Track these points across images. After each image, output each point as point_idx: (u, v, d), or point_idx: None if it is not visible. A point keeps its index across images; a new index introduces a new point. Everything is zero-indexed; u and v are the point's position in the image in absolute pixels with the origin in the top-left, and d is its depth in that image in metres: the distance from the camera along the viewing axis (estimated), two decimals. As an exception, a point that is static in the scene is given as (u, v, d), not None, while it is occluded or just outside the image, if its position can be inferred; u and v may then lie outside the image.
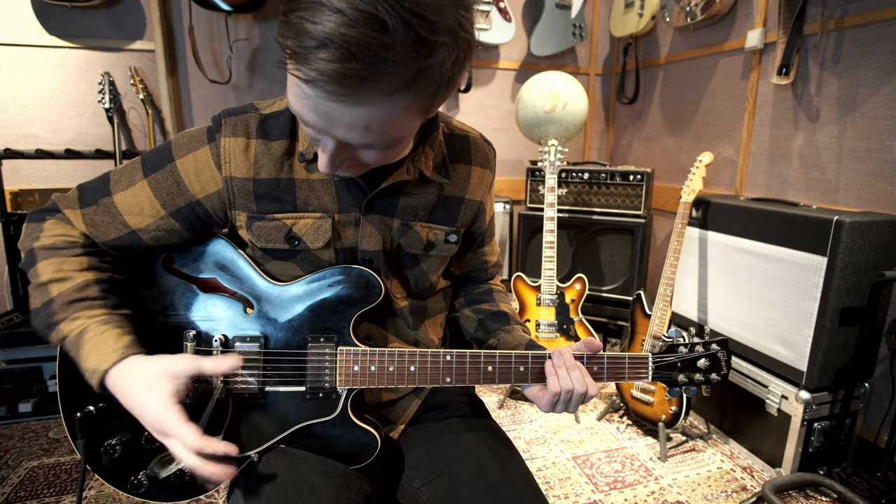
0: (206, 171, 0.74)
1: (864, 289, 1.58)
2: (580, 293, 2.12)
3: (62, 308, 0.69)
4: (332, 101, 0.53)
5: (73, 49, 2.24)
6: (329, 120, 0.56)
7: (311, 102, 0.55)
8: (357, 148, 0.61)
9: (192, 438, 0.63)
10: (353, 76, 0.50)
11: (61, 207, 0.76)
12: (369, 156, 0.64)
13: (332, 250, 0.78)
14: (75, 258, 0.73)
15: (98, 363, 0.66)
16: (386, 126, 0.57)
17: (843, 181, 1.83)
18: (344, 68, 0.49)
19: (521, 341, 0.87)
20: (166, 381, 0.65)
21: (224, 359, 0.69)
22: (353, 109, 0.54)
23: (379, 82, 0.51)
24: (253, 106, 0.76)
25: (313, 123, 0.58)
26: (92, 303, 0.70)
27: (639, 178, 2.32)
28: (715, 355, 0.79)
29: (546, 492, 1.67)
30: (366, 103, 0.53)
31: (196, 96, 2.46)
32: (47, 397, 2.12)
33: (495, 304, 0.96)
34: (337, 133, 0.58)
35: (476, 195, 0.87)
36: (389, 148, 0.63)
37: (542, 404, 0.77)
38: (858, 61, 1.74)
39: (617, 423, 2.11)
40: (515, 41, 2.82)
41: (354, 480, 0.76)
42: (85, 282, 0.71)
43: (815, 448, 1.68)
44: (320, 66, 0.49)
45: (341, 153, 0.62)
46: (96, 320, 0.69)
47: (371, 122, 0.56)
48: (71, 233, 0.75)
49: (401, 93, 0.53)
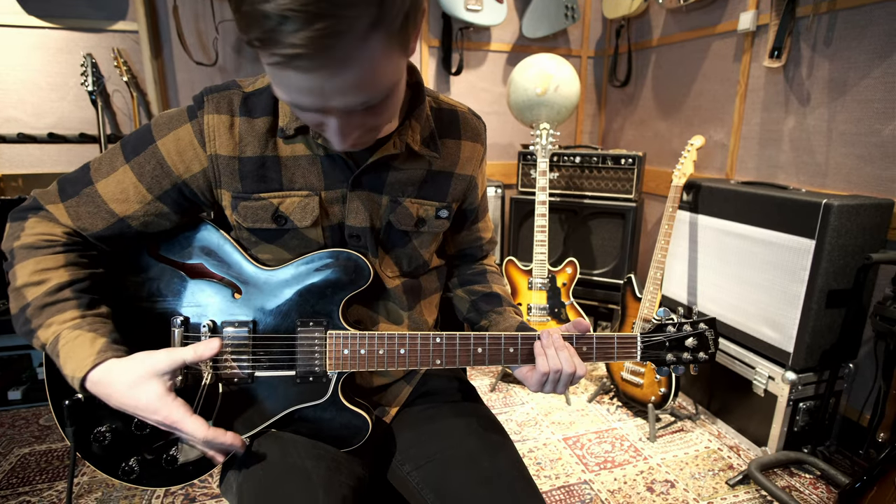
0: (189, 150, 0.72)
1: (851, 271, 1.60)
2: (571, 277, 2.13)
3: (36, 313, 0.67)
4: (316, 72, 0.52)
5: (53, 29, 2.18)
6: (322, 94, 0.55)
7: (298, 84, 0.54)
8: (359, 112, 0.59)
9: (200, 431, 0.64)
10: (323, 35, 0.48)
11: (43, 203, 0.73)
12: (373, 118, 0.62)
13: (319, 228, 0.77)
14: (52, 256, 0.70)
15: (73, 370, 0.65)
16: (374, 76, 0.55)
17: (832, 164, 1.83)
18: (312, 31, 0.47)
19: (511, 323, 0.87)
20: (151, 381, 0.65)
21: (204, 345, 0.68)
22: (339, 71, 0.52)
23: (349, 31, 0.49)
24: (235, 83, 0.74)
25: (309, 105, 0.57)
26: (63, 305, 0.68)
27: (630, 161, 2.32)
28: (702, 334, 0.80)
29: (537, 472, 1.70)
30: (347, 60, 0.52)
31: (182, 78, 2.41)
32: (36, 384, 2.10)
33: (488, 284, 0.96)
34: (334, 104, 0.56)
35: (466, 170, 0.86)
36: (388, 99, 0.60)
37: (531, 384, 0.78)
38: (850, 44, 1.74)
39: (607, 404, 2.14)
40: (507, 23, 2.78)
41: (346, 463, 0.77)
42: (58, 284, 0.68)
43: (800, 427, 1.71)
44: (290, 40, 0.48)
45: (347, 124, 0.61)
46: (68, 325, 0.67)
47: (359, 77, 0.54)
48: (53, 231, 0.72)
49: (373, 34, 0.51)
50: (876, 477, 1.18)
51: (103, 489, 1.58)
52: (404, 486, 0.82)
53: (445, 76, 2.80)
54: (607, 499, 1.58)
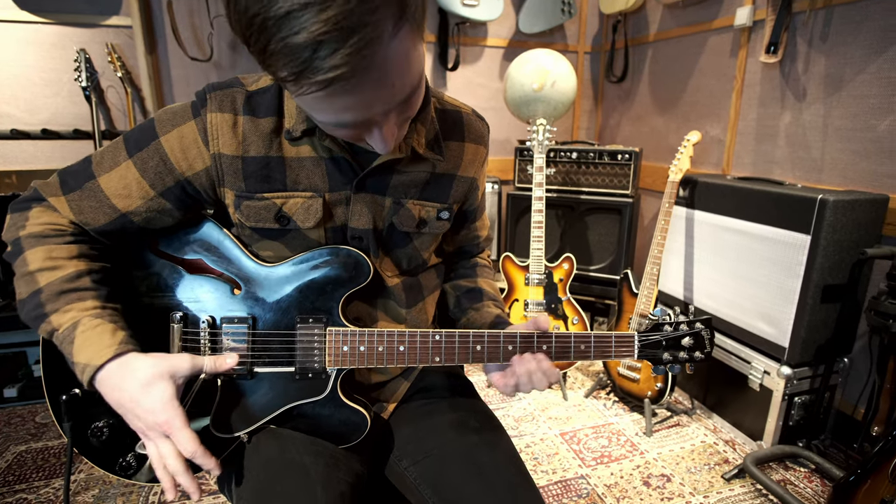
0: (192, 148, 0.72)
1: (846, 266, 1.61)
2: (568, 273, 2.14)
3: (52, 298, 0.66)
4: (359, 87, 0.51)
5: (46, 24, 2.16)
6: (366, 106, 0.54)
7: (342, 104, 0.53)
8: (396, 109, 0.59)
9: (191, 445, 0.63)
10: (360, 48, 0.47)
11: (45, 195, 0.72)
12: (409, 108, 0.61)
13: (322, 230, 0.77)
14: (65, 246, 0.70)
15: (90, 358, 0.63)
16: (409, 69, 0.55)
17: (827, 160, 1.84)
18: (349, 48, 0.47)
19: (486, 319, 0.87)
20: (165, 382, 0.64)
21: (222, 358, 0.69)
22: (381, 78, 0.52)
23: (381, 36, 0.49)
24: (238, 80, 0.73)
25: (354, 121, 0.56)
26: (84, 294, 0.67)
27: (627, 157, 2.32)
28: (699, 334, 0.80)
29: (534, 467, 1.71)
30: (385, 64, 0.51)
31: (177, 74, 2.40)
32: (32, 382, 2.09)
33: (474, 279, 0.96)
34: (377, 110, 0.56)
35: (469, 172, 0.86)
36: (418, 87, 0.60)
37: (501, 390, 0.78)
38: (846, 39, 1.74)
39: (604, 399, 2.15)
40: (504, 18, 2.77)
41: (345, 460, 0.77)
42: (77, 272, 0.68)
43: (795, 421, 1.73)
44: (328, 64, 0.47)
45: (390, 127, 0.60)
46: (89, 314, 0.66)
47: (399, 76, 0.54)
48: (59, 221, 0.71)
49: (400, 30, 0.51)
50: (870, 470, 1.19)
51: (100, 486, 1.57)
52: (402, 482, 0.82)
53: (442, 72, 2.79)
54: (604, 493, 1.59)
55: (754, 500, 1.56)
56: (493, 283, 0.98)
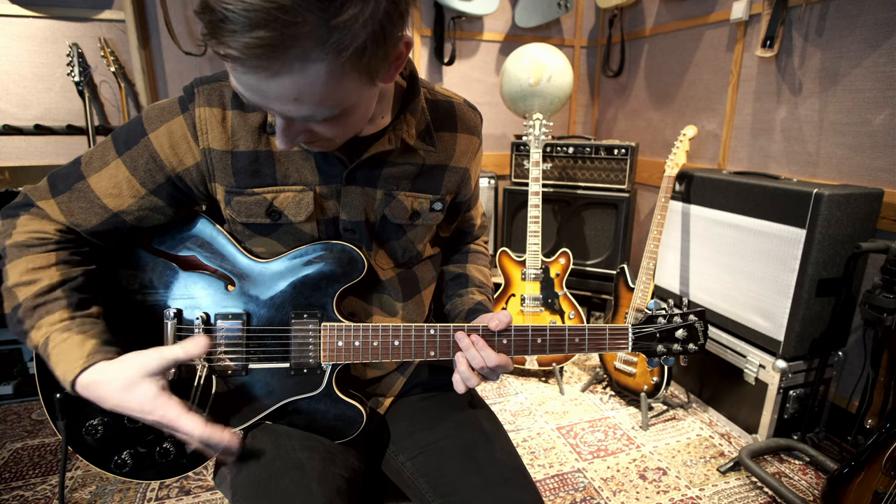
0: (182, 144, 0.71)
1: (841, 260, 1.61)
2: (565, 267, 2.14)
3: (27, 314, 0.67)
4: (253, 74, 0.51)
5: (38, 18, 2.14)
6: (260, 94, 0.54)
7: (239, 78, 0.53)
8: (303, 122, 0.59)
9: (197, 429, 0.63)
10: (260, 45, 0.48)
11: (34, 200, 0.71)
12: (322, 129, 0.61)
13: (314, 223, 0.76)
14: (44, 255, 0.69)
15: (64, 374, 0.64)
16: (317, 95, 0.54)
17: (823, 154, 1.84)
18: (250, 38, 0.47)
19: (466, 306, 0.87)
20: (145, 381, 0.64)
21: (192, 343, 0.67)
22: (276, 81, 0.52)
23: (290, 48, 0.49)
24: (226, 74, 0.72)
25: (249, 99, 0.56)
26: (53, 306, 0.67)
27: (623, 152, 2.32)
28: (692, 326, 0.81)
29: (531, 461, 1.71)
30: (285, 73, 0.51)
31: (171, 69, 2.38)
32: (28, 379, 2.09)
33: (463, 265, 0.97)
34: (273, 107, 0.56)
35: (461, 162, 0.85)
36: (339, 118, 0.59)
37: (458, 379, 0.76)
38: (842, 33, 1.74)
39: (600, 394, 2.16)
40: (500, 12, 2.76)
41: (340, 455, 0.77)
42: (49, 285, 0.68)
43: (790, 414, 1.74)
44: (229, 40, 0.48)
45: (290, 127, 0.60)
46: (56, 328, 0.66)
47: (299, 92, 0.53)
48: (45, 228, 0.70)
49: (318, 57, 0.50)
50: (864, 462, 1.20)
51: (97, 482, 1.57)
52: (399, 477, 0.82)
53: (438, 66, 2.78)
54: (600, 487, 1.60)
55: (749, 493, 1.58)
56: (482, 269, 0.97)
